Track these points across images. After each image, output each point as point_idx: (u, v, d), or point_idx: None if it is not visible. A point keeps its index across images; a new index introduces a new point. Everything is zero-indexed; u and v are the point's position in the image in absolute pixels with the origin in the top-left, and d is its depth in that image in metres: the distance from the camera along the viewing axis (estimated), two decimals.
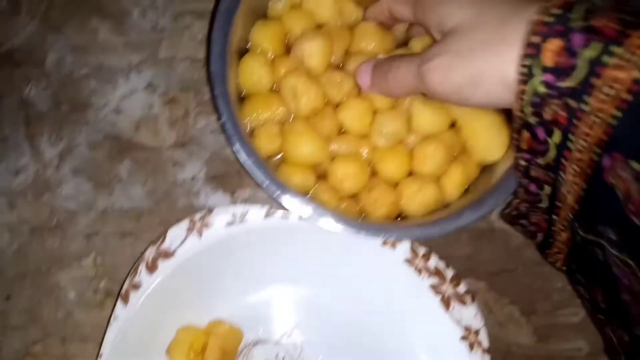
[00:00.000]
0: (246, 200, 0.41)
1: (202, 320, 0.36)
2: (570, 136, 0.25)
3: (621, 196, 0.25)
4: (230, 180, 0.41)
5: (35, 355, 0.37)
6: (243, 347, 0.37)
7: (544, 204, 0.30)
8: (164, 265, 0.35)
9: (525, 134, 0.27)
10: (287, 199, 0.32)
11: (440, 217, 0.33)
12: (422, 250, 0.36)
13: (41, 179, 0.40)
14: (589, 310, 0.33)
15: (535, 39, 0.24)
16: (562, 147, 0.26)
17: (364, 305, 0.37)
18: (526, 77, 0.25)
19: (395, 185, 0.35)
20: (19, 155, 0.40)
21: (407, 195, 0.34)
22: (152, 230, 0.39)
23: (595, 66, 0.23)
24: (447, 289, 0.35)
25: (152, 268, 0.34)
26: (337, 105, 0.36)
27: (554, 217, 0.30)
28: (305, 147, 0.34)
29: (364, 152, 0.35)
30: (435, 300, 0.35)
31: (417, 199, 0.34)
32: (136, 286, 0.34)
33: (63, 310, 0.38)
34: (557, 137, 0.26)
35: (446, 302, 0.35)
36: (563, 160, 0.27)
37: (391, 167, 0.35)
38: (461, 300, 0.35)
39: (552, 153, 0.27)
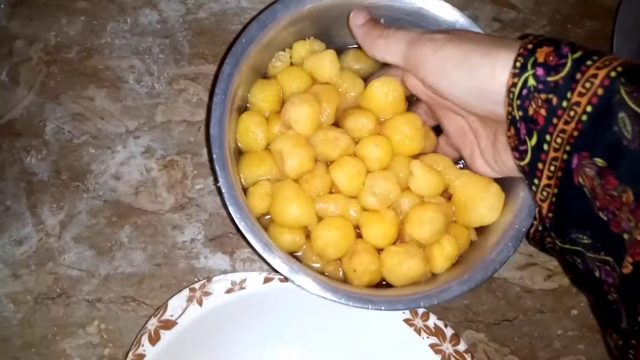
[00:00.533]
0: (245, 260, 0.41)
1: None
2: (547, 137, 0.29)
3: (589, 195, 0.28)
4: (229, 241, 0.42)
5: None
6: None
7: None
8: (166, 336, 0.35)
9: (512, 131, 0.30)
10: (275, 262, 0.33)
11: (427, 289, 0.33)
12: (420, 310, 0.36)
13: (44, 248, 0.41)
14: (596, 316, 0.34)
15: (530, 46, 0.29)
16: (537, 149, 0.29)
17: None
18: (519, 70, 0.29)
19: (379, 251, 0.35)
20: (22, 225, 0.41)
21: (390, 265, 0.34)
22: (153, 294, 0.40)
23: (580, 64, 0.27)
24: (447, 347, 0.36)
25: (154, 339, 0.35)
26: (330, 162, 0.37)
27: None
28: (291, 211, 0.35)
29: (352, 212, 0.36)
30: (436, 359, 0.36)
31: (401, 269, 0.34)
32: (140, 358, 0.35)
33: None
34: (534, 140, 0.29)
35: None
36: (539, 165, 0.30)
37: (377, 232, 0.35)
38: (461, 358, 0.36)
39: (528, 156, 0.30)
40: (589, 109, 0.27)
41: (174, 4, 0.46)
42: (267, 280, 0.36)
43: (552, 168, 0.30)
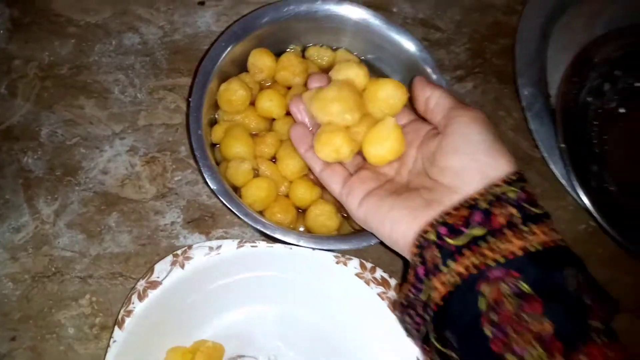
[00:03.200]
0: (219, 238, 0.48)
1: (188, 341, 0.42)
2: (433, 278, 0.33)
3: (484, 305, 0.31)
4: (204, 223, 0.48)
5: None
6: (227, 359, 0.43)
7: (423, 296, 0.35)
8: (153, 294, 0.41)
9: (412, 272, 0.35)
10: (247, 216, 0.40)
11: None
12: (369, 265, 0.43)
13: (40, 234, 0.46)
14: None
15: (442, 217, 0.33)
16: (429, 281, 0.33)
17: (327, 314, 0.44)
18: (429, 229, 0.33)
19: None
20: (20, 215, 0.46)
21: (312, 218, 0.44)
22: (139, 270, 0.46)
23: (473, 243, 0.32)
24: (392, 294, 0.43)
25: (142, 297, 0.41)
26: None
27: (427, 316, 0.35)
28: (235, 148, 0.43)
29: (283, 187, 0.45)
30: (383, 304, 0.42)
31: (318, 223, 0.44)
32: (129, 313, 0.40)
33: (64, 344, 0.43)
34: (429, 282, 0.33)
35: (393, 305, 0.42)
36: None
37: (299, 195, 0.44)
38: None
39: (427, 291, 0.34)
40: (459, 282, 0.32)
41: (153, 29, 0.54)
42: (239, 246, 0.42)
43: (474, 260, 0.32)
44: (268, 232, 0.41)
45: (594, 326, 0.30)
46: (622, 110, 0.48)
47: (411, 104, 0.41)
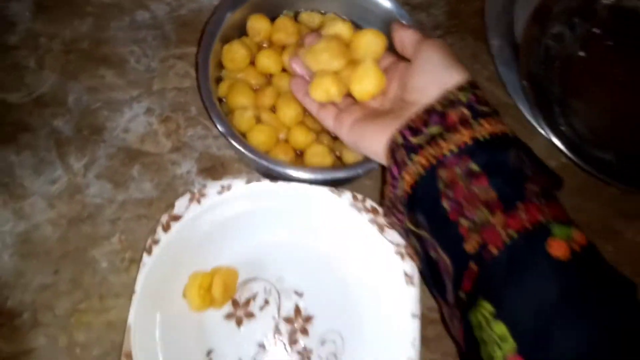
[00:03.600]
0: None
1: (207, 267, 0.49)
2: (403, 172, 0.39)
3: (442, 185, 0.37)
4: (216, 171, 0.55)
5: (81, 310, 0.48)
6: (240, 283, 0.49)
7: (399, 192, 0.41)
8: (175, 226, 0.47)
9: (388, 172, 0.41)
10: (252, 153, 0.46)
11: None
12: (360, 197, 0.50)
13: (72, 184, 0.53)
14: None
15: (407, 123, 0.39)
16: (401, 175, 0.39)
17: (325, 239, 0.50)
18: (396, 136, 0.40)
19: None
20: (54, 169, 0.53)
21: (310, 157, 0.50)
22: (161, 212, 0.51)
23: (432, 139, 0.38)
24: (380, 219, 0.49)
25: (166, 228, 0.47)
26: None
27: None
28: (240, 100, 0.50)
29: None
30: (374, 229, 0.49)
31: (315, 161, 0.50)
32: (156, 242, 0.47)
33: (99, 276, 0.50)
34: (401, 176, 0.40)
35: (381, 228, 0.49)
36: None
37: (298, 139, 0.50)
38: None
39: (400, 185, 0.40)
40: (422, 172, 0.38)
41: (162, 5, 0.60)
42: (247, 183, 0.49)
43: (432, 151, 0.38)
44: (271, 166, 0.47)
45: (531, 189, 0.35)
46: (581, 54, 0.54)
47: (394, 51, 0.47)
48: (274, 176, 0.49)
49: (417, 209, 0.39)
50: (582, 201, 0.57)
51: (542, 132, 0.55)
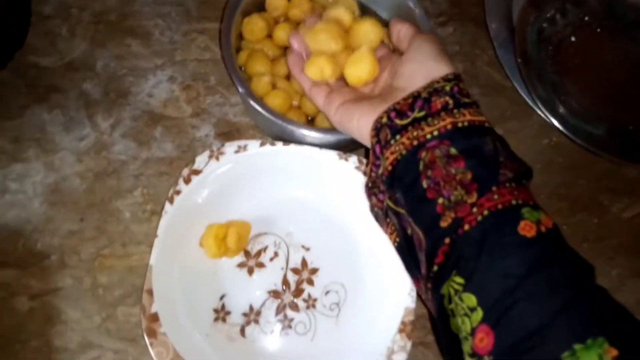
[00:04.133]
0: None
1: (222, 220, 0.53)
2: (385, 151, 0.42)
3: (422, 166, 0.39)
4: (232, 136, 0.59)
5: (104, 255, 0.52)
6: (252, 236, 0.53)
7: (381, 170, 0.44)
8: (195, 179, 0.51)
9: (372, 152, 0.44)
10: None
11: None
12: (365, 161, 0.54)
13: (99, 142, 0.57)
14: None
15: (393, 106, 0.43)
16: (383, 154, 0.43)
17: (331, 200, 0.54)
18: (382, 117, 0.42)
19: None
20: (82, 127, 0.57)
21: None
22: (181, 170, 0.56)
23: (416, 122, 0.41)
24: None
25: (187, 181, 0.51)
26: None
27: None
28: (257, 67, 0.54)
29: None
30: None
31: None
32: (178, 192, 0.51)
33: (122, 225, 0.54)
34: (383, 155, 0.43)
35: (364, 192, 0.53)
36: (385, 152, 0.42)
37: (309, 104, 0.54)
38: None
39: (382, 164, 0.43)
40: (405, 152, 0.40)
41: None
42: (262, 144, 0.53)
43: (415, 133, 0.41)
44: (285, 125, 0.50)
45: (504, 174, 0.38)
46: (573, 39, 0.59)
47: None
48: (286, 140, 0.54)
49: (397, 186, 0.42)
50: (572, 177, 0.61)
51: (536, 109, 0.59)
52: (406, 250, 0.43)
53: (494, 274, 0.35)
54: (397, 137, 0.42)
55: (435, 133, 0.40)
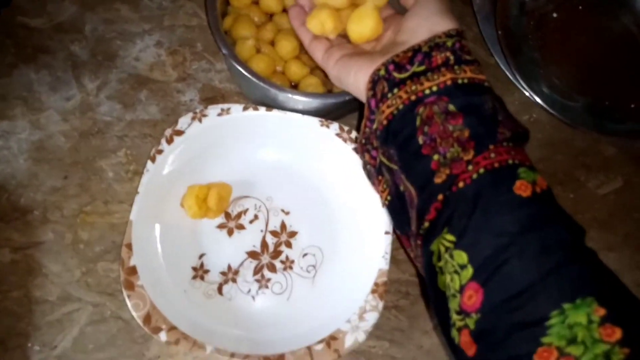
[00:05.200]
0: None
1: (204, 182, 0.53)
2: (381, 105, 0.42)
3: (419, 121, 0.39)
4: (216, 101, 0.60)
5: (86, 212, 0.53)
6: (233, 199, 0.54)
7: (376, 125, 0.44)
8: (177, 140, 0.52)
9: (367, 106, 0.44)
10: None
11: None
12: (346, 128, 0.55)
13: (85, 102, 0.58)
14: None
15: (392, 58, 0.42)
16: (379, 108, 0.43)
17: (312, 165, 0.55)
18: (379, 69, 0.42)
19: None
20: (69, 88, 0.58)
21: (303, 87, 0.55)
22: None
23: (415, 76, 0.40)
24: None
25: (170, 141, 0.52)
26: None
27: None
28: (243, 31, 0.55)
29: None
30: (356, 157, 0.54)
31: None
32: (160, 152, 0.52)
33: (105, 184, 0.55)
34: (379, 109, 0.43)
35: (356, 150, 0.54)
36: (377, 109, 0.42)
37: (293, 70, 0.55)
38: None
39: (377, 119, 0.43)
40: (401, 106, 0.40)
41: None
42: (245, 108, 0.54)
43: (414, 88, 0.40)
44: (267, 87, 0.51)
45: (502, 133, 0.38)
46: (554, 15, 0.59)
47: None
48: (269, 105, 0.54)
49: (392, 141, 0.41)
50: (550, 153, 0.63)
51: (516, 83, 0.60)
52: (398, 208, 0.43)
53: (487, 232, 0.35)
54: (395, 90, 0.41)
55: (434, 88, 0.39)
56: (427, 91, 0.40)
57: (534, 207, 0.35)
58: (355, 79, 0.45)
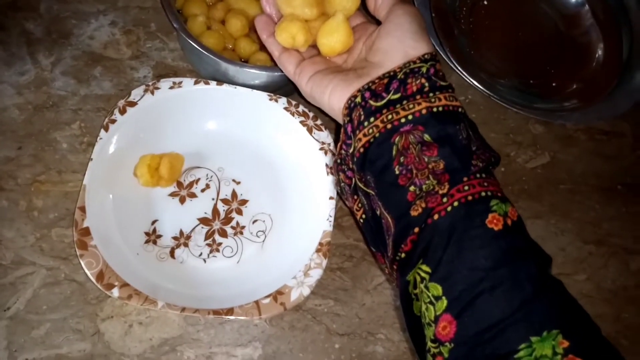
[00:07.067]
0: None
1: (157, 152, 0.56)
2: (358, 132, 0.41)
3: (395, 151, 0.39)
4: (169, 77, 0.62)
5: (40, 181, 0.55)
6: (185, 170, 0.57)
7: (352, 149, 0.43)
8: (130, 111, 0.55)
9: (343, 130, 0.43)
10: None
11: None
12: (294, 102, 0.58)
13: (40, 77, 0.59)
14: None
15: (368, 85, 0.42)
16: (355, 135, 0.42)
17: (262, 137, 0.58)
18: (357, 94, 0.42)
19: None
20: (24, 63, 0.59)
21: None
22: None
23: (390, 104, 0.40)
24: (310, 122, 0.58)
25: (122, 111, 0.54)
26: None
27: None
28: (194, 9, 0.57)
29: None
30: (304, 130, 0.57)
31: None
32: (112, 121, 0.54)
33: (59, 154, 0.56)
34: (355, 135, 0.42)
35: (309, 130, 0.57)
36: (353, 139, 0.42)
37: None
38: (318, 128, 0.58)
39: (354, 144, 0.43)
40: (377, 135, 0.40)
41: None
42: (196, 82, 0.57)
43: (390, 117, 0.40)
44: (218, 60, 0.54)
45: (475, 165, 0.39)
46: (485, 2, 0.65)
47: (366, 11, 0.49)
48: (221, 81, 0.57)
49: (368, 168, 0.41)
50: (484, 131, 0.66)
51: (453, 67, 0.65)
52: (374, 229, 0.43)
53: (461, 266, 0.36)
54: (371, 119, 0.41)
55: (410, 117, 0.39)
56: (403, 120, 0.40)
57: (505, 240, 0.37)
58: (330, 101, 0.44)
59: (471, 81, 0.62)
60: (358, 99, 0.42)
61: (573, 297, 0.37)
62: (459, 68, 0.63)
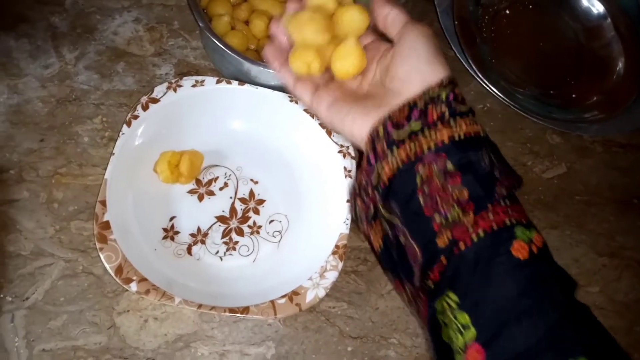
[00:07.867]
0: None
1: (177, 149, 0.56)
2: (381, 162, 0.40)
3: (419, 181, 0.38)
4: (190, 75, 0.62)
5: (61, 174, 0.55)
6: (204, 168, 0.57)
7: (374, 180, 0.42)
8: (152, 107, 0.55)
9: (365, 159, 0.41)
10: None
11: None
12: None
13: (63, 71, 0.60)
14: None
15: (389, 116, 0.40)
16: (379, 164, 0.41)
17: (281, 138, 0.59)
18: (377, 127, 0.40)
19: None
20: (48, 57, 0.60)
21: None
22: None
23: (412, 134, 0.39)
24: None
25: (145, 108, 0.55)
26: None
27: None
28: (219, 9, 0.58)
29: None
30: (323, 132, 0.58)
31: None
32: (135, 117, 0.54)
33: (80, 148, 0.57)
34: (379, 166, 0.41)
35: (329, 133, 0.58)
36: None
37: None
38: None
39: (377, 174, 0.41)
40: (401, 166, 0.39)
41: None
42: (218, 81, 0.57)
43: (412, 147, 0.39)
44: (241, 60, 0.55)
45: (499, 192, 0.38)
46: (507, 12, 0.65)
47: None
48: (242, 80, 0.58)
49: (393, 199, 0.41)
50: (501, 140, 0.68)
51: (470, 70, 0.65)
52: (395, 257, 0.43)
53: (487, 295, 0.36)
54: (394, 149, 0.40)
55: (432, 147, 0.39)
56: (426, 150, 0.39)
57: (530, 269, 0.37)
58: (351, 130, 0.44)
59: (491, 89, 0.62)
60: (381, 132, 0.41)
61: (599, 322, 0.37)
62: (480, 75, 0.63)
